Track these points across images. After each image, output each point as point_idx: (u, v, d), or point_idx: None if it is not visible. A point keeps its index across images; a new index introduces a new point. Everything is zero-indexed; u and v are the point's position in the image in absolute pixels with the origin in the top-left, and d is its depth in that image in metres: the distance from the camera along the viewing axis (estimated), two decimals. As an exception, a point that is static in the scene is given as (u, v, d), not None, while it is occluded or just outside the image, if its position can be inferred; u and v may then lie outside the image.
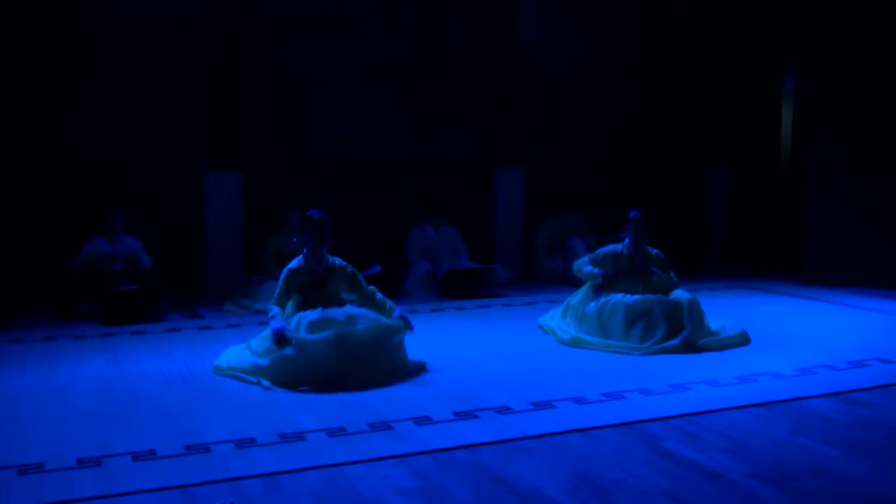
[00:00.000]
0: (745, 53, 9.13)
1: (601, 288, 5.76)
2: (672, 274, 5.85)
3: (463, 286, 7.38)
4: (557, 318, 5.90)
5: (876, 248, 7.55)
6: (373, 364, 4.59)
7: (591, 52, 8.75)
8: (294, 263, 4.96)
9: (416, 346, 5.14)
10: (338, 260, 5.04)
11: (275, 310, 4.81)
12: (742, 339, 5.52)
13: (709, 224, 9.48)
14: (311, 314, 4.75)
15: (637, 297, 5.56)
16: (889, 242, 7.52)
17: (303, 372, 4.48)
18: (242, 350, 4.87)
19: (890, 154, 7.48)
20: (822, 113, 7.70)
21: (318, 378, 4.45)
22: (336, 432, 3.78)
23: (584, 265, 5.91)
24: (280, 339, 4.55)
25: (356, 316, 4.82)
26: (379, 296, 5.06)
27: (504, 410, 4.10)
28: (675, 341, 5.30)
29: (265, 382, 4.49)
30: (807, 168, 7.82)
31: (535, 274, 8.37)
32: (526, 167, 8.54)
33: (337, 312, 4.77)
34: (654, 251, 5.89)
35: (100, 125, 7.06)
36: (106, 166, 7.10)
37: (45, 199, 6.94)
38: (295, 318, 4.74)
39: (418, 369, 4.87)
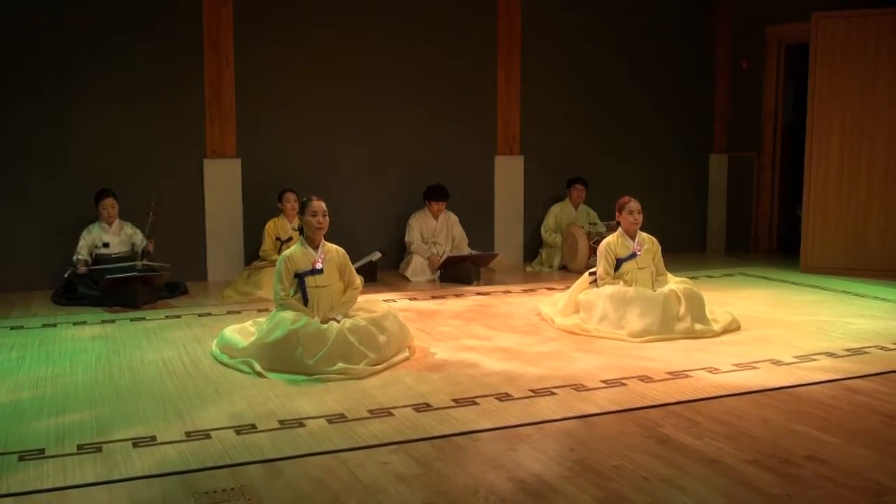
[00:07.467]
0: (744, 40, 9.12)
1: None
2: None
3: (463, 273, 7.38)
4: (557, 306, 5.90)
5: (875, 235, 7.55)
6: (371, 351, 4.60)
7: (591, 38, 8.73)
8: (290, 251, 4.96)
9: (415, 333, 5.17)
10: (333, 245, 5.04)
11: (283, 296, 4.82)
12: (737, 325, 5.54)
13: (708, 210, 9.48)
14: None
15: (636, 285, 5.55)
16: (888, 230, 7.51)
17: (300, 359, 4.48)
18: (239, 337, 4.86)
19: (888, 143, 7.46)
20: (821, 99, 7.68)
21: (316, 365, 4.45)
22: (336, 419, 3.79)
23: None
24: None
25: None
26: (357, 287, 5.07)
27: (503, 397, 4.11)
28: (674, 329, 5.30)
29: (258, 367, 4.49)
30: (807, 154, 7.80)
31: (536, 261, 8.36)
32: (526, 154, 8.52)
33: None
34: (649, 237, 5.89)
35: (97, 112, 7.04)
36: (104, 152, 7.08)
37: (43, 184, 6.92)
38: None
39: (417, 356, 4.87)
